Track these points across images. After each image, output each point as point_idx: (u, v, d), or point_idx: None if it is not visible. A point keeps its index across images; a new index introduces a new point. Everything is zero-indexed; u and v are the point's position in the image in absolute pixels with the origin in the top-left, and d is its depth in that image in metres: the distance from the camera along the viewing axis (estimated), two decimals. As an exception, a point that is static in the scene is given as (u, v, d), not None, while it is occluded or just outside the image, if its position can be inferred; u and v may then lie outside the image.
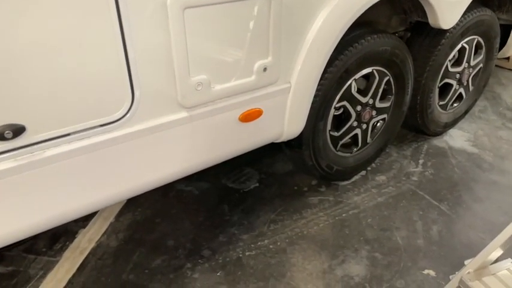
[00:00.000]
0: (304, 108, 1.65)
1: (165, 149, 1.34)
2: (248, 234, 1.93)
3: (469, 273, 1.39)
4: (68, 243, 1.89)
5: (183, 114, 1.32)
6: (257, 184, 2.27)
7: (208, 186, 2.26)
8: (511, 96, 3.25)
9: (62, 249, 1.86)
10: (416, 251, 1.84)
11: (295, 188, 2.24)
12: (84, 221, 2.01)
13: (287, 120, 1.62)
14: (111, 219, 2.03)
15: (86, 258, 1.81)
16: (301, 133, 1.76)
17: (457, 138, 2.69)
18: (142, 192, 1.40)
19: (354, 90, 1.87)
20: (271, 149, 2.55)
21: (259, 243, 1.89)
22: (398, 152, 2.54)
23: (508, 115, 2.98)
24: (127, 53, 1.12)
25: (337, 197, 2.17)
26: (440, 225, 1.99)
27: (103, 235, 1.93)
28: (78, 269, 1.76)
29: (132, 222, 2.01)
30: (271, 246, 1.87)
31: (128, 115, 1.20)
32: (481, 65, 2.50)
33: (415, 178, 2.32)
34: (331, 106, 1.83)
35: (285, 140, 1.73)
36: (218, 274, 1.73)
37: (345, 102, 1.88)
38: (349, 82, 1.82)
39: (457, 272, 1.48)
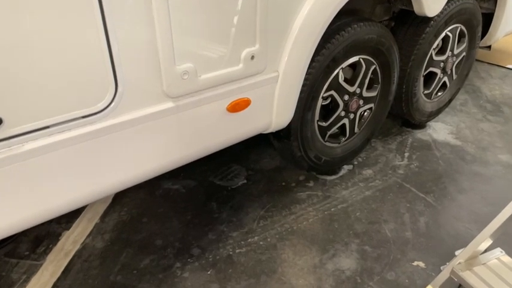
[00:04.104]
0: (292, 98, 1.64)
1: (151, 141, 1.31)
2: (238, 231, 1.91)
3: (459, 263, 1.41)
4: (51, 245, 1.83)
5: (169, 104, 1.29)
6: (245, 181, 2.25)
7: (195, 184, 2.22)
8: (490, 90, 3.32)
9: (46, 252, 1.80)
10: (404, 243, 1.86)
11: (283, 183, 2.23)
12: (67, 222, 1.95)
13: (275, 110, 1.60)
14: (96, 220, 1.97)
15: (71, 260, 1.76)
16: (290, 124, 1.75)
17: (440, 131, 2.73)
18: (128, 186, 1.36)
19: (341, 80, 1.87)
20: (258, 145, 2.53)
21: (249, 240, 1.87)
22: (383, 145, 2.56)
23: (488, 108, 3.04)
24: (109, 40, 1.08)
25: (325, 191, 2.17)
26: (427, 216, 2.01)
27: (88, 236, 1.88)
28: (63, 272, 1.70)
29: (118, 223, 1.96)
30: (261, 243, 1.85)
31: (111, 106, 1.16)
32: (464, 53, 2.54)
33: (401, 171, 2.34)
34: (318, 96, 1.82)
35: (274, 130, 1.71)
36: (209, 272, 1.71)
37: (332, 92, 1.87)
38: (336, 71, 1.82)
39: (447, 263, 1.50)
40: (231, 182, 2.24)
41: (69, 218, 1.97)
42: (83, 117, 1.15)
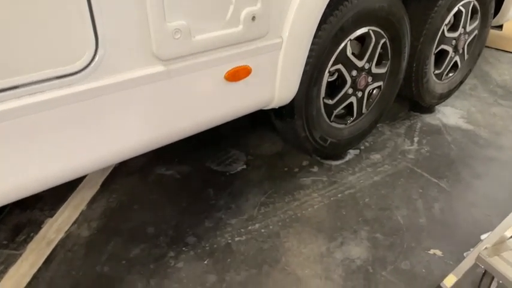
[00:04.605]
0: (297, 69, 1.48)
1: (139, 110, 1.15)
2: (237, 219, 1.76)
3: (486, 248, 1.26)
4: (32, 234, 1.67)
5: (160, 68, 1.13)
6: (244, 166, 2.09)
7: (190, 169, 2.06)
8: (500, 74, 3.17)
9: (26, 241, 1.64)
10: (419, 231, 1.71)
11: (286, 169, 2.07)
12: (51, 209, 1.79)
13: (278, 82, 1.44)
14: (83, 207, 1.81)
15: (54, 250, 1.60)
16: (293, 100, 1.60)
17: (450, 116, 2.58)
18: (111, 163, 1.20)
19: (349, 53, 1.71)
20: (258, 130, 2.37)
21: (249, 227, 1.71)
22: (391, 130, 2.41)
23: (499, 92, 2.89)
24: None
25: (330, 177, 2.02)
26: (441, 203, 1.86)
27: (73, 225, 1.72)
28: (45, 262, 1.54)
29: (106, 210, 1.80)
30: (262, 231, 1.70)
31: (91, 66, 1.00)
32: (476, 31, 2.39)
33: (411, 156, 2.19)
34: (325, 70, 1.67)
35: (276, 106, 1.56)
36: (205, 262, 1.55)
37: (339, 66, 1.72)
38: (344, 42, 1.67)
39: (471, 249, 1.34)
40: (229, 167, 2.08)
41: (52, 205, 1.81)
42: (58, 77, 0.99)
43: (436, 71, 2.33)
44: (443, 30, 2.15)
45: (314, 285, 1.46)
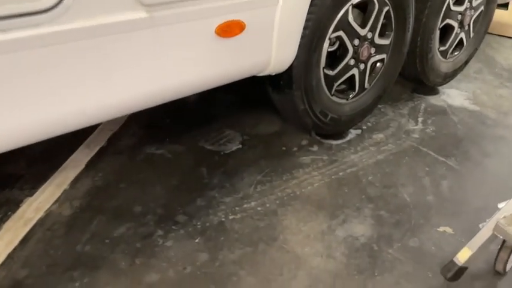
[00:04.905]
0: (295, 30, 1.37)
1: (118, 62, 1.03)
2: (231, 197, 1.63)
3: (505, 217, 1.14)
4: (10, 213, 1.54)
5: (142, 14, 1.01)
6: (240, 146, 1.97)
7: (183, 149, 1.94)
8: (505, 59, 3.07)
9: (3, 220, 1.51)
10: (427, 208, 1.59)
11: (284, 148, 1.95)
12: (31, 188, 1.66)
13: (275, 42, 1.33)
14: (65, 186, 1.68)
15: (32, 229, 1.47)
16: (292, 68, 1.48)
17: (455, 97, 2.46)
18: (83, 124, 1.07)
19: (351, 19, 1.60)
20: (254, 110, 2.25)
21: (244, 205, 1.59)
22: (394, 111, 2.29)
23: (505, 75, 2.78)
24: None
25: (331, 156, 1.90)
26: (450, 180, 1.74)
27: (54, 204, 1.59)
28: (22, 241, 1.42)
29: (91, 189, 1.67)
30: (259, 209, 1.57)
31: (63, 3, 0.88)
32: (482, 7, 2.28)
33: (416, 135, 2.07)
34: (325, 36, 1.55)
35: (273, 72, 1.44)
36: (196, 241, 1.43)
37: (341, 33, 1.60)
38: (346, 7, 1.55)
39: (487, 219, 1.22)
40: (224, 147, 1.96)
41: (33, 185, 1.68)
42: (21, 15, 0.87)
43: (441, 48, 2.22)
44: (448, 2, 2.05)
45: (315, 264, 1.34)
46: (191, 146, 1.96)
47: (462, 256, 1.21)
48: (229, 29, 1.20)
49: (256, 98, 2.33)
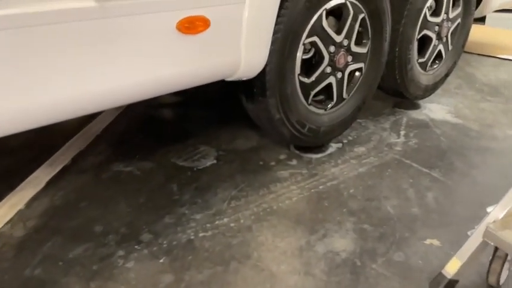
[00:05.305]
0: (266, 28, 1.30)
1: (56, 55, 0.93)
2: (202, 213, 1.51)
3: (495, 222, 1.04)
4: (-46, 236, 1.39)
5: (90, 2, 0.92)
6: (214, 161, 1.86)
7: (153, 166, 1.82)
8: (484, 75, 3.07)
9: None
10: (412, 220, 1.48)
11: (261, 163, 1.85)
12: (-18, 209, 1.52)
13: (244, 43, 1.25)
14: (20, 206, 1.54)
15: (-23, 252, 1.32)
16: (265, 75, 1.41)
17: (437, 111, 2.41)
18: (23, 127, 0.96)
19: (325, 24, 1.54)
20: (230, 125, 2.16)
21: (216, 222, 1.46)
22: (375, 125, 2.23)
23: (486, 90, 2.76)
24: None
25: (311, 169, 1.80)
26: (435, 192, 1.65)
27: (6, 224, 1.44)
28: (-37, 267, 1.26)
29: (48, 208, 1.53)
30: (232, 225, 1.45)
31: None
32: (460, 20, 2.27)
33: (398, 148, 1.99)
34: (299, 41, 1.49)
35: (244, 76, 1.35)
36: (161, 261, 1.29)
37: (315, 38, 1.54)
38: (319, 11, 1.50)
39: (476, 226, 1.12)
40: (198, 162, 1.85)
41: (-15, 205, 1.54)
42: None
43: (420, 60, 2.19)
44: (425, 13, 2.03)
45: (292, 282, 1.21)
46: (162, 163, 1.84)
47: (451, 268, 1.10)
48: (192, 25, 1.12)
49: (234, 113, 2.25)
